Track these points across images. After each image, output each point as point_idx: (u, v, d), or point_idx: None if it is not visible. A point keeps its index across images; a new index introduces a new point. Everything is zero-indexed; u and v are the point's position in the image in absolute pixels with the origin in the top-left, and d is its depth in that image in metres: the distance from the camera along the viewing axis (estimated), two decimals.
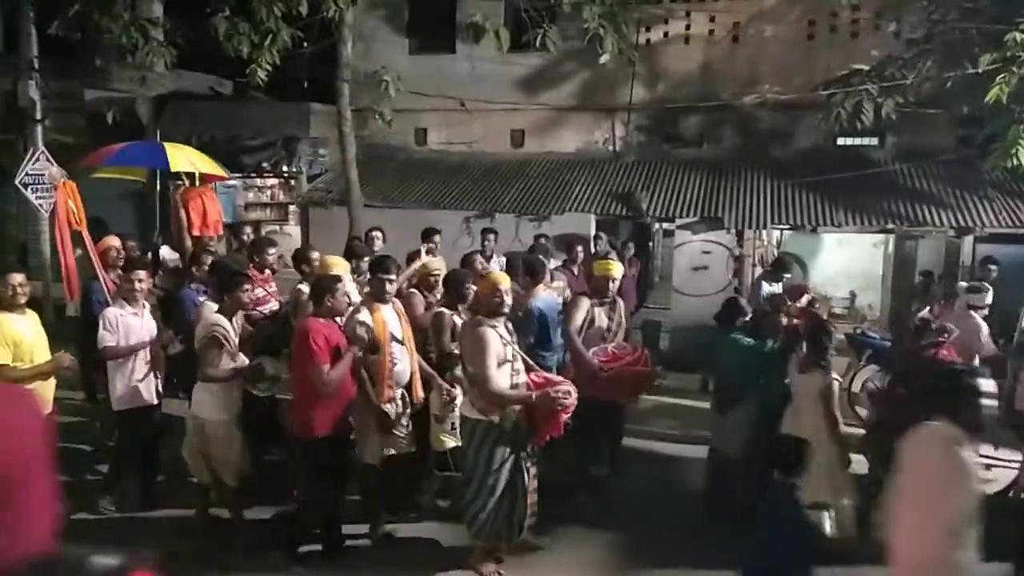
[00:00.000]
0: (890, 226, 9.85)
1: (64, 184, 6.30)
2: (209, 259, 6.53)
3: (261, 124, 13.11)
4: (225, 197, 12.70)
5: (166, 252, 8.46)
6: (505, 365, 4.73)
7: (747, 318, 6.08)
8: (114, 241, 6.85)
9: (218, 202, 8.92)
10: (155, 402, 5.76)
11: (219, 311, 5.29)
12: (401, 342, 5.25)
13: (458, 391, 5.37)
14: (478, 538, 4.95)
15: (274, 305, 6.49)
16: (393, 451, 5.23)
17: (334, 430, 4.92)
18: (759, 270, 11.27)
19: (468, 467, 4.88)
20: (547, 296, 6.59)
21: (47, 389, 5.10)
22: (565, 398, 4.67)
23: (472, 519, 4.87)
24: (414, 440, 5.41)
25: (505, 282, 4.90)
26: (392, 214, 10.82)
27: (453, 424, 5.47)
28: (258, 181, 12.76)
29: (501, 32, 9.56)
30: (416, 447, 5.44)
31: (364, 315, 5.11)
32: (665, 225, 11.41)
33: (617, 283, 6.11)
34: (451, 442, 5.49)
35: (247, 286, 5.34)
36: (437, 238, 8.46)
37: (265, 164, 13.15)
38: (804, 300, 6.99)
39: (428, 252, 7.29)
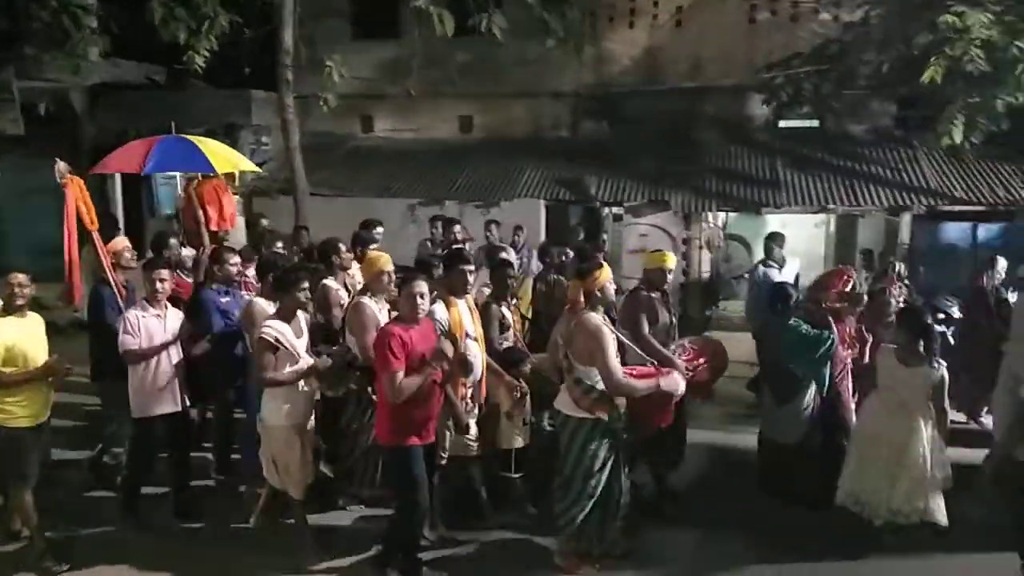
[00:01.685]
0: (831, 206, 10.07)
1: (72, 180, 5.84)
2: (233, 257, 6.12)
3: (201, 112, 12.76)
4: (164, 189, 12.41)
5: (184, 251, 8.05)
6: (616, 357, 4.60)
7: (797, 305, 5.88)
8: (125, 242, 6.45)
9: (231, 193, 8.42)
10: (179, 408, 5.46)
11: (277, 314, 4.94)
12: (474, 338, 5.03)
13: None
14: (573, 540, 4.76)
15: None
16: (460, 453, 5.08)
17: (422, 438, 4.58)
18: (705, 252, 11.48)
19: (570, 467, 4.66)
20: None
21: (40, 395, 4.87)
22: (677, 385, 4.65)
23: (569, 520, 4.69)
24: (480, 442, 5.19)
25: (611, 276, 4.76)
26: (339, 203, 10.68)
27: (524, 421, 5.37)
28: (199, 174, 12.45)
29: (445, 17, 9.47)
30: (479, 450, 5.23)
31: (440, 310, 4.91)
32: (615, 209, 11.51)
33: (672, 274, 5.73)
34: (520, 441, 5.38)
35: (304, 285, 4.94)
36: (457, 228, 8.32)
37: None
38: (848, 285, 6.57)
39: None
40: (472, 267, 5.14)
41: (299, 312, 4.97)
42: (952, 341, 7.00)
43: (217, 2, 9.12)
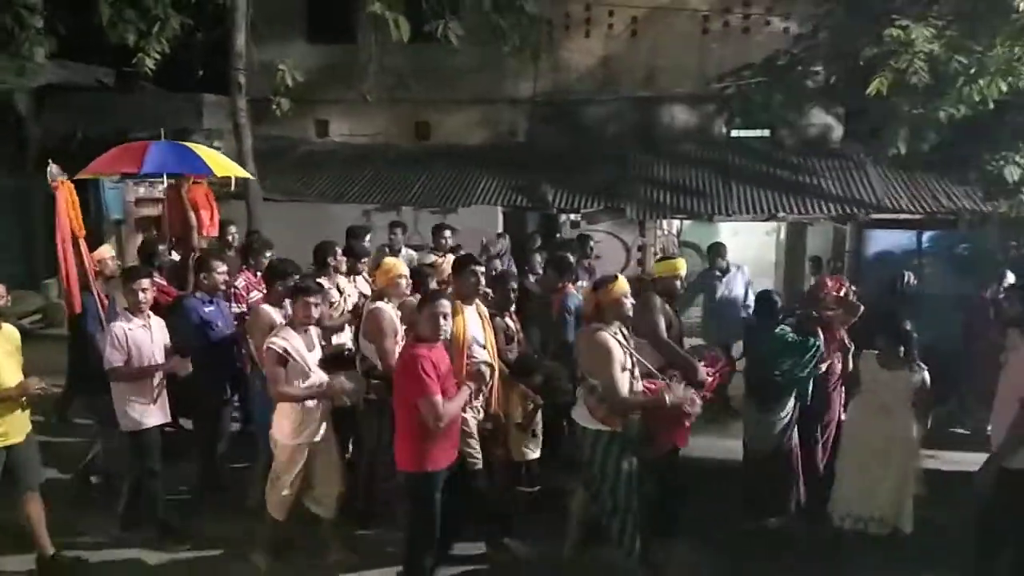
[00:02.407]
0: (780, 215, 10.27)
1: (63, 184, 5.55)
2: (221, 265, 5.91)
3: (151, 116, 12.46)
4: (113, 193, 12.11)
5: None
6: (626, 372, 4.52)
7: (783, 312, 5.88)
8: (110, 251, 6.32)
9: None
10: (168, 420, 5.28)
11: (289, 324, 4.78)
12: (483, 346, 4.93)
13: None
14: (633, 559, 4.61)
15: None
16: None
17: (447, 460, 4.46)
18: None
19: (595, 482, 4.61)
20: (577, 296, 6.38)
21: (16, 414, 4.64)
22: (693, 403, 4.54)
23: (621, 540, 4.58)
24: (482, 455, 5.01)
25: (628, 290, 4.67)
26: (293, 208, 10.57)
27: (534, 432, 5.28)
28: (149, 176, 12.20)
29: (400, 22, 9.44)
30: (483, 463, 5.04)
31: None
32: (572, 216, 11.59)
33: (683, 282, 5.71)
34: (533, 453, 5.30)
35: (314, 298, 4.76)
36: (448, 233, 8.28)
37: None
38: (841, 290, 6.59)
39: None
40: (483, 269, 5.12)
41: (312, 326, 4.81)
42: None
43: (168, 4, 8.94)
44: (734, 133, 11.90)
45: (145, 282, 5.11)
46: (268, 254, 6.68)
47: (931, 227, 9.63)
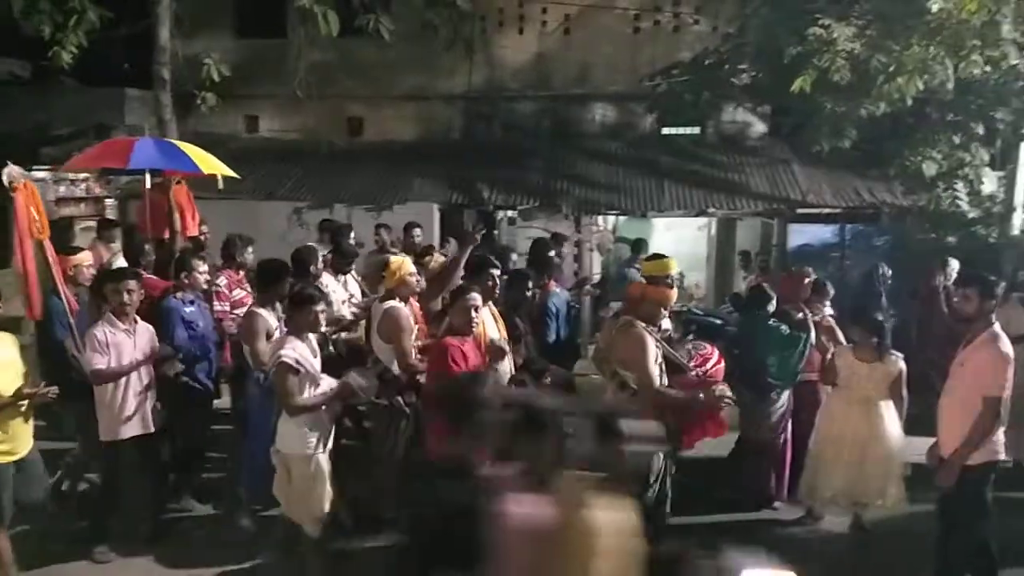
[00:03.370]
0: (710, 210, 10.48)
1: (24, 186, 5.34)
2: (202, 265, 5.77)
3: (70, 111, 12.02)
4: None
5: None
6: (657, 366, 4.52)
7: (775, 306, 5.86)
8: (89, 258, 6.05)
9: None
10: (150, 430, 5.08)
11: (290, 332, 4.58)
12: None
13: None
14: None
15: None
16: None
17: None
18: (596, 255, 11.73)
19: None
20: (561, 293, 6.36)
21: (16, 426, 4.42)
22: (724, 397, 4.56)
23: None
24: None
25: (671, 300, 4.69)
26: (221, 205, 10.25)
27: None
28: (69, 174, 11.71)
29: (330, 16, 9.28)
30: None
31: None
32: (510, 213, 11.62)
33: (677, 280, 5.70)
34: None
35: (320, 307, 4.59)
36: (418, 231, 8.22)
37: (76, 155, 12.09)
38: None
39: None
40: (499, 271, 5.07)
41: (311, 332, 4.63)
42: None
43: None
44: (665, 130, 12.09)
45: (132, 283, 4.97)
46: (249, 251, 6.59)
47: (854, 221, 9.98)
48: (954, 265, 7.42)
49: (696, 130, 12.04)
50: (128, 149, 6.88)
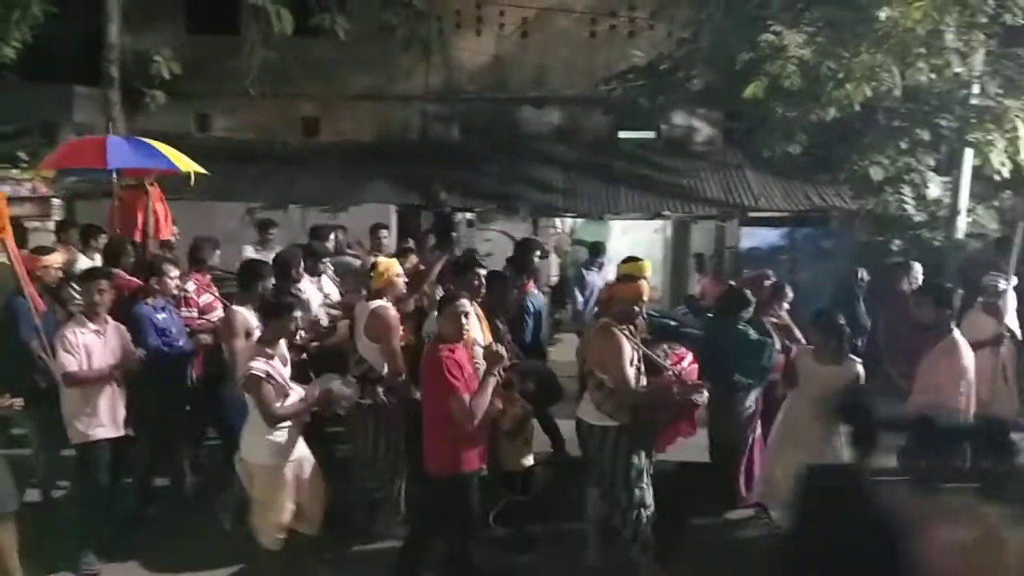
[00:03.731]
0: (665, 213, 10.60)
1: None
2: (174, 269, 5.58)
3: (15, 109, 11.67)
4: None
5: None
6: (633, 367, 4.50)
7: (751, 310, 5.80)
8: (58, 260, 5.81)
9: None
10: (120, 433, 4.90)
11: (260, 341, 4.49)
12: (483, 347, 4.77)
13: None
14: (648, 554, 4.55)
15: (220, 312, 5.85)
16: None
17: (480, 461, 4.38)
18: (553, 257, 11.78)
19: (606, 480, 4.52)
20: (538, 294, 6.40)
21: None
22: (701, 393, 4.56)
23: (635, 535, 4.51)
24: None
25: (644, 295, 4.63)
26: (173, 206, 10.05)
27: (527, 440, 5.14)
28: (14, 172, 11.36)
29: (283, 14, 9.17)
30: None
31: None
32: (468, 215, 11.61)
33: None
34: (530, 460, 5.16)
35: (297, 314, 4.53)
36: (385, 232, 8.15)
37: (21, 154, 11.71)
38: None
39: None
40: (484, 272, 5.06)
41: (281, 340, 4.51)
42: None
43: None
44: (621, 134, 12.18)
45: (104, 283, 4.82)
46: (217, 254, 6.48)
47: (804, 224, 10.18)
48: (918, 269, 7.43)
49: (652, 134, 12.16)
50: (102, 148, 6.68)
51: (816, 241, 9.86)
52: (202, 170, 7.33)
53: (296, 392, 4.42)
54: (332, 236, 7.76)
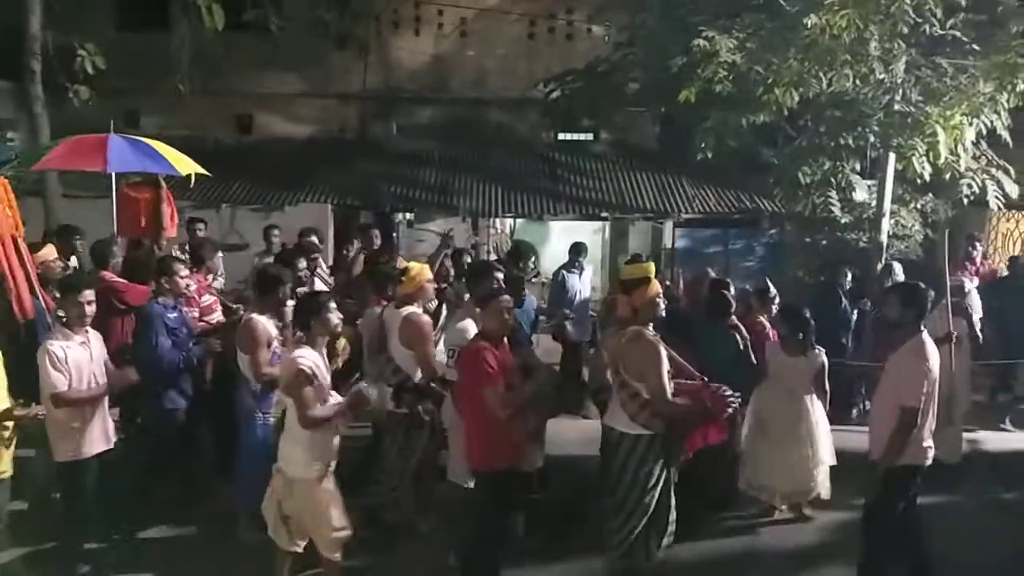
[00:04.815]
0: (603, 214, 10.70)
1: None
2: (183, 269, 5.42)
3: None
4: None
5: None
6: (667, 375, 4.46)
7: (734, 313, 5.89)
8: (53, 252, 5.67)
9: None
10: (111, 446, 4.71)
11: (303, 341, 4.26)
12: None
13: None
14: (625, 559, 4.53)
15: (218, 315, 5.78)
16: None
17: (517, 459, 4.43)
18: (494, 257, 11.76)
19: (625, 486, 4.46)
20: (531, 297, 6.44)
21: None
22: (733, 400, 4.52)
23: (623, 538, 4.49)
24: None
25: (660, 290, 4.59)
26: (97, 205, 9.69)
27: (542, 440, 5.21)
28: None
29: (215, 9, 8.95)
30: None
31: (471, 326, 4.77)
32: (409, 215, 11.53)
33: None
34: (540, 461, 5.21)
35: (334, 307, 4.35)
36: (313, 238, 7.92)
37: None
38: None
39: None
40: (503, 275, 5.07)
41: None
42: None
43: None
44: (561, 136, 12.25)
45: (89, 294, 4.56)
46: (219, 255, 6.46)
47: (736, 225, 10.39)
48: (898, 269, 7.76)
49: (590, 136, 12.26)
50: (101, 149, 6.49)
51: (747, 242, 10.09)
52: (203, 171, 7.26)
53: (334, 395, 4.29)
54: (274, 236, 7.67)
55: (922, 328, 4.47)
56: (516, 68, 12.14)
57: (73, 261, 6.76)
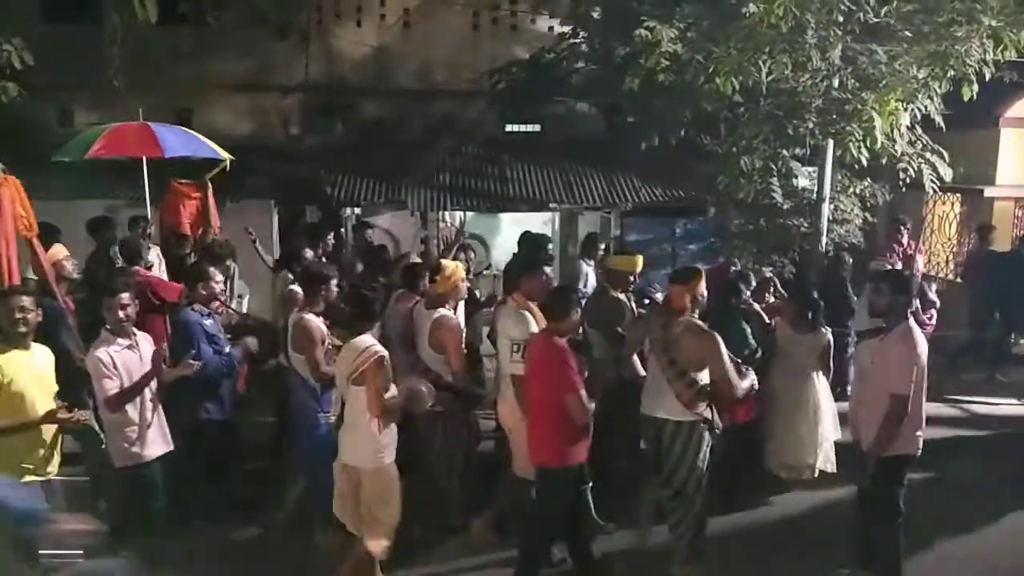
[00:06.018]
0: (552, 205, 10.71)
1: (7, 180, 4.88)
2: (218, 273, 5.40)
3: None
4: None
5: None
6: None
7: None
8: (63, 251, 5.57)
9: None
10: (171, 447, 4.67)
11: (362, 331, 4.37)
12: None
13: None
14: (685, 541, 4.69)
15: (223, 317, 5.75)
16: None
17: (584, 457, 4.56)
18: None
19: (684, 473, 4.58)
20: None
21: (45, 447, 4.05)
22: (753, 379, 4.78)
23: (686, 525, 4.66)
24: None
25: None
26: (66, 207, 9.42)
27: None
28: None
29: (147, 1, 8.69)
30: None
31: (529, 319, 4.83)
32: (357, 211, 11.38)
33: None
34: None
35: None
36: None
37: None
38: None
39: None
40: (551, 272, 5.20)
41: None
42: None
43: None
44: (508, 128, 12.21)
45: (126, 297, 4.48)
46: (230, 262, 6.42)
47: (683, 213, 10.50)
48: (847, 259, 8.21)
49: (537, 127, 12.24)
50: (153, 136, 6.70)
51: (693, 229, 10.22)
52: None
53: (393, 388, 4.38)
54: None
55: (908, 315, 4.53)
56: (461, 60, 12.05)
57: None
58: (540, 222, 13.34)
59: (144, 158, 6.82)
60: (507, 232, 13.78)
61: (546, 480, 4.53)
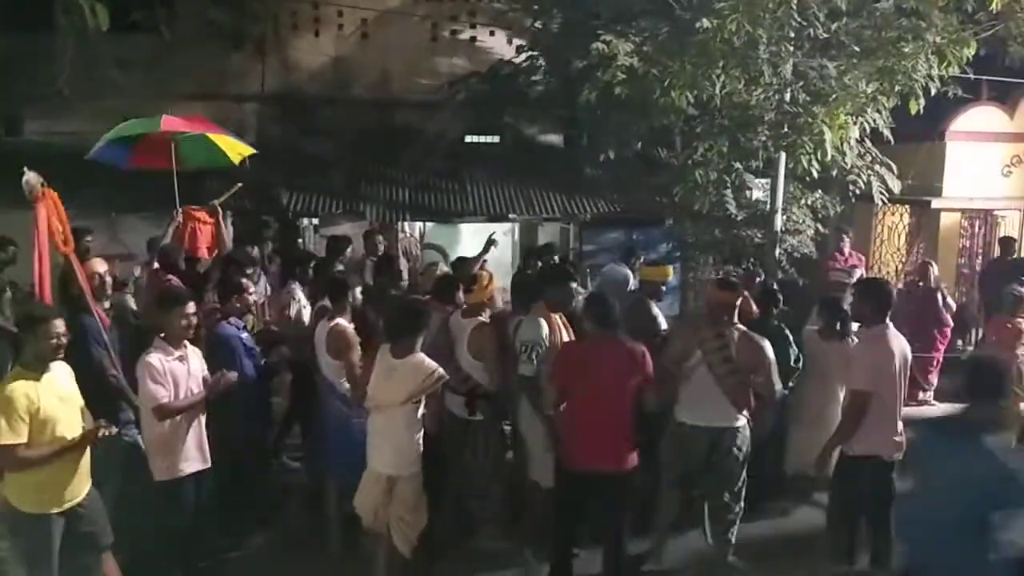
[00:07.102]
0: (512, 216, 10.74)
1: (45, 194, 4.82)
2: (251, 285, 5.50)
3: None
4: None
5: None
6: None
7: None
8: (100, 266, 5.42)
9: None
10: (208, 464, 4.62)
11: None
12: None
13: None
14: (729, 537, 4.98)
15: None
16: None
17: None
18: (403, 261, 11.62)
19: (738, 476, 4.86)
20: None
21: (80, 470, 4.03)
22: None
23: (734, 522, 4.97)
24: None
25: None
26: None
27: None
28: None
29: (99, 9, 8.54)
30: None
31: (543, 325, 4.92)
32: (316, 222, 11.29)
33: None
34: None
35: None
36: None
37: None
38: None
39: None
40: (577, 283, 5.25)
41: None
42: None
43: None
44: (467, 139, 12.23)
45: (193, 306, 4.50)
46: (249, 272, 6.35)
47: (641, 224, 10.62)
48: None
49: (496, 138, 12.28)
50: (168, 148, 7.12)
51: (650, 239, 10.34)
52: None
53: None
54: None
55: (886, 320, 4.70)
56: (419, 70, 12.05)
57: None
58: (500, 233, 13.41)
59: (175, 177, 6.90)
60: (467, 242, 13.80)
61: (623, 486, 4.64)
